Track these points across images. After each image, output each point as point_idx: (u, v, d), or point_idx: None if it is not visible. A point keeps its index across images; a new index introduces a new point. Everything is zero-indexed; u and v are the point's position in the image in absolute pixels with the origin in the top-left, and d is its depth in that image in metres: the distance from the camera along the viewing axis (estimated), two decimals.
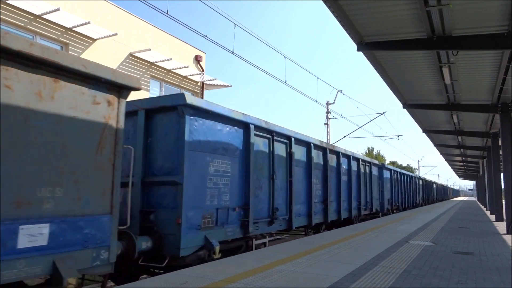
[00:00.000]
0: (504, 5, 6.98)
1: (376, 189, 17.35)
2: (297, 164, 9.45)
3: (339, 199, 12.24)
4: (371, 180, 16.40)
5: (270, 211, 8.05)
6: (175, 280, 4.64)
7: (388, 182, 19.98)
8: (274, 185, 8.23)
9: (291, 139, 9.16)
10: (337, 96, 32.88)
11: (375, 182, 17.28)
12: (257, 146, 7.76)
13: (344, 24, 8.10)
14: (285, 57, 15.18)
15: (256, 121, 7.67)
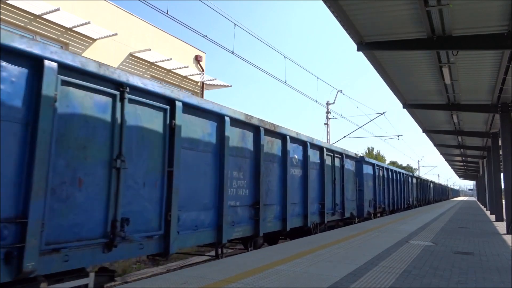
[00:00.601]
0: (504, 5, 6.98)
1: (351, 187, 13.81)
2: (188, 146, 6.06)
3: (284, 202, 8.73)
4: (343, 176, 12.74)
5: None
6: (175, 280, 4.64)
7: (370, 180, 16.75)
8: None
9: None
10: (337, 96, 32.89)
11: (350, 179, 13.75)
12: None
13: (344, 24, 8.10)
14: (285, 57, 15.19)
15: None
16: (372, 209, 16.57)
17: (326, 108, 26.90)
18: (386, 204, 19.17)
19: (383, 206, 18.65)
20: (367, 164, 16.42)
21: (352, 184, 14.05)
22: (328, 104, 26.89)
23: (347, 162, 13.37)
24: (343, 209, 12.46)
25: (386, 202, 19.29)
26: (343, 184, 12.62)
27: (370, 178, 16.78)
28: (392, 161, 71.70)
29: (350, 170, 13.85)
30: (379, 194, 17.99)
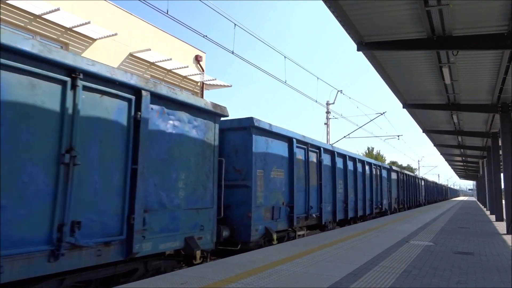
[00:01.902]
0: (504, 5, 6.98)
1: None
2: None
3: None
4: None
5: None
6: (175, 280, 4.64)
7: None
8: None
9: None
10: (337, 96, 32.90)
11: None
12: None
13: (344, 24, 8.10)
14: (285, 57, 15.18)
15: None
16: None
17: (326, 108, 26.90)
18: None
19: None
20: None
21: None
22: (328, 104, 26.89)
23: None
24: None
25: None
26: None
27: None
28: (392, 161, 71.70)
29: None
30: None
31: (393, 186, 21.33)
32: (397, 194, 22.41)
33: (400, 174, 23.30)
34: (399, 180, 23.02)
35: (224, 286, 4.37)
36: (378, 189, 17.99)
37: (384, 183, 19.17)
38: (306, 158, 10.37)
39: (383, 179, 19.05)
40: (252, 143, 7.87)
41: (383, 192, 18.87)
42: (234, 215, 7.79)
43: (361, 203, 15.20)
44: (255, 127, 7.96)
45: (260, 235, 7.99)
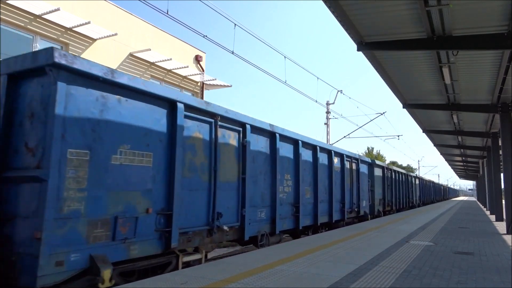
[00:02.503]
0: (504, 5, 6.98)
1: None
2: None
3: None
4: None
5: None
6: (175, 280, 4.64)
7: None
8: None
9: None
10: (337, 96, 32.90)
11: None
12: None
13: (344, 24, 8.10)
14: (285, 57, 15.19)
15: None
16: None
17: (326, 108, 26.90)
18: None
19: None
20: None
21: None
22: (328, 104, 26.89)
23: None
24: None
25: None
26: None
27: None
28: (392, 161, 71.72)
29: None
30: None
31: (377, 184, 17.79)
32: (383, 195, 18.94)
33: (386, 170, 19.84)
34: (385, 178, 19.46)
35: (224, 286, 4.37)
36: (354, 188, 14.28)
37: (363, 181, 15.48)
38: (213, 136, 6.74)
39: (362, 176, 15.34)
40: (56, 99, 4.22)
41: (362, 191, 15.11)
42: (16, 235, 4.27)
43: (325, 205, 11.50)
44: (65, 69, 4.31)
45: (69, 273, 4.27)
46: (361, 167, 15.37)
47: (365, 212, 15.36)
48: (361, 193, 14.99)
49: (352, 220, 14.28)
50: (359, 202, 14.71)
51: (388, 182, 19.99)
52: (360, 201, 14.89)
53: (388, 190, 19.88)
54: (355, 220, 14.67)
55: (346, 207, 13.14)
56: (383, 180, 19.22)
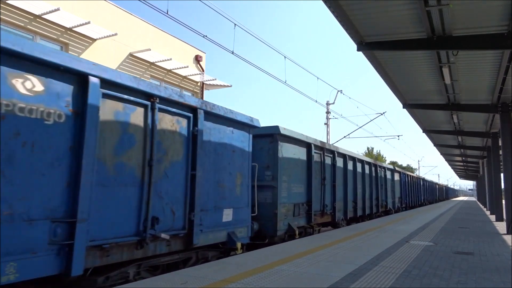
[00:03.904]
0: (504, 5, 6.98)
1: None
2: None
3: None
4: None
5: None
6: (175, 280, 4.64)
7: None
8: None
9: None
10: (337, 96, 32.90)
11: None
12: None
13: (344, 24, 8.10)
14: (285, 57, 15.19)
15: None
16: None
17: (326, 108, 26.90)
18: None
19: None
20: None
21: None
22: (328, 104, 26.90)
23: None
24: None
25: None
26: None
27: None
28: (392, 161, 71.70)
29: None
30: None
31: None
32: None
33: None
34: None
35: (224, 286, 4.37)
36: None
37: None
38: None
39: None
40: None
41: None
42: None
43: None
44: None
45: None
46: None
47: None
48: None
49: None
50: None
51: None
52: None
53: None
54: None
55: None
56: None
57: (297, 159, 9.81)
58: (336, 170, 12.10)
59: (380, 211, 17.76)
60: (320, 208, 10.91)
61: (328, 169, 11.66)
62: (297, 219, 9.55)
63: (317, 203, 10.68)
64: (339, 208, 12.33)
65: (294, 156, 9.64)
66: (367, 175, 15.99)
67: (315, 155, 10.76)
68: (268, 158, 8.83)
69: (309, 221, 10.15)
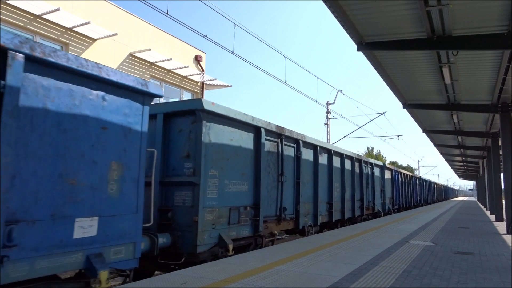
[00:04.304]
0: (504, 5, 6.98)
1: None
2: None
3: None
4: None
5: None
6: (175, 280, 4.64)
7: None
8: None
9: None
10: (337, 96, 32.90)
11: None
12: None
13: (344, 24, 8.10)
14: (285, 57, 15.19)
15: None
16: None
17: (326, 108, 26.90)
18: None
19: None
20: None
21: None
22: (328, 104, 26.89)
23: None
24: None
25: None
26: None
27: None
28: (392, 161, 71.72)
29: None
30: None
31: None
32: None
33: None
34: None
35: (224, 286, 4.37)
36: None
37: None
38: None
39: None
40: None
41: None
42: None
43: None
44: None
45: None
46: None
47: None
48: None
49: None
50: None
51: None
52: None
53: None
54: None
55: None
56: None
57: (237, 148, 7.28)
58: (301, 164, 9.68)
59: (365, 214, 15.14)
60: (275, 212, 8.55)
61: (288, 163, 9.24)
62: (235, 228, 7.09)
63: (269, 206, 8.31)
64: (306, 212, 9.99)
65: (232, 143, 7.13)
66: (347, 172, 13.42)
67: (268, 143, 8.35)
68: (188, 144, 6.44)
69: (256, 230, 7.68)
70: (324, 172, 11.48)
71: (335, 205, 12.03)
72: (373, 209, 16.49)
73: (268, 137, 8.34)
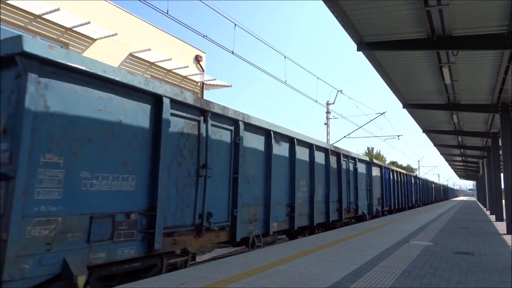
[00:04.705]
0: (504, 5, 6.98)
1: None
2: None
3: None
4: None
5: None
6: (175, 280, 4.64)
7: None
8: None
9: None
10: (337, 96, 32.90)
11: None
12: None
13: (344, 24, 8.10)
14: (285, 57, 15.19)
15: None
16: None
17: (326, 108, 26.90)
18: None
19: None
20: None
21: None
22: (328, 104, 26.90)
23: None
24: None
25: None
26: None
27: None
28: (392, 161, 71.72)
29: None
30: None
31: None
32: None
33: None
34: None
35: (224, 286, 4.37)
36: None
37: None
38: None
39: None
40: None
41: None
42: None
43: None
44: None
45: None
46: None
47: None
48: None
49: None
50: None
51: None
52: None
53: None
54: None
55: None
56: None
57: (113, 124, 4.88)
58: (242, 154, 7.30)
59: (344, 218, 12.73)
60: (192, 220, 6.03)
61: (217, 149, 6.76)
62: (104, 247, 4.62)
63: (174, 212, 5.72)
64: (248, 218, 7.51)
65: (102, 116, 4.74)
66: (320, 167, 11.06)
67: (179, 121, 5.93)
68: (7, 112, 4.09)
69: (150, 249, 5.16)
70: (284, 166, 9.04)
71: (300, 208, 9.59)
72: (356, 212, 14.03)
73: (178, 112, 5.90)
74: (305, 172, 10.17)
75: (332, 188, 11.80)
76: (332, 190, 11.78)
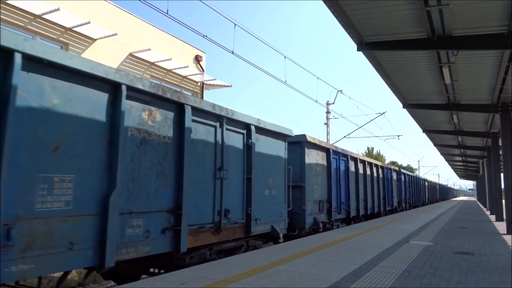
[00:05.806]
0: (504, 5, 6.98)
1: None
2: None
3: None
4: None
5: None
6: (175, 280, 4.64)
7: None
8: None
9: None
10: (337, 96, 32.91)
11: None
12: None
13: (344, 24, 8.10)
14: (285, 57, 15.19)
15: None
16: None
17: (326, 108, 26.90)
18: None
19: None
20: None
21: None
22: (328, 104, 26.89)
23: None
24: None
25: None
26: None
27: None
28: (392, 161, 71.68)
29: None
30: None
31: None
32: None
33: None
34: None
35: (224, 286, 4.37)
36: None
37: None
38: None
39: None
40: None
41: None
42: None
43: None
44: None
45: None
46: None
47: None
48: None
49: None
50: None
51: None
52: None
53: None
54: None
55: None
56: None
57: None
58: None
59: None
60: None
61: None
62: None
63: None
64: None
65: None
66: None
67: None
68: None
69: None
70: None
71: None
72: None
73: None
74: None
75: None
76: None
